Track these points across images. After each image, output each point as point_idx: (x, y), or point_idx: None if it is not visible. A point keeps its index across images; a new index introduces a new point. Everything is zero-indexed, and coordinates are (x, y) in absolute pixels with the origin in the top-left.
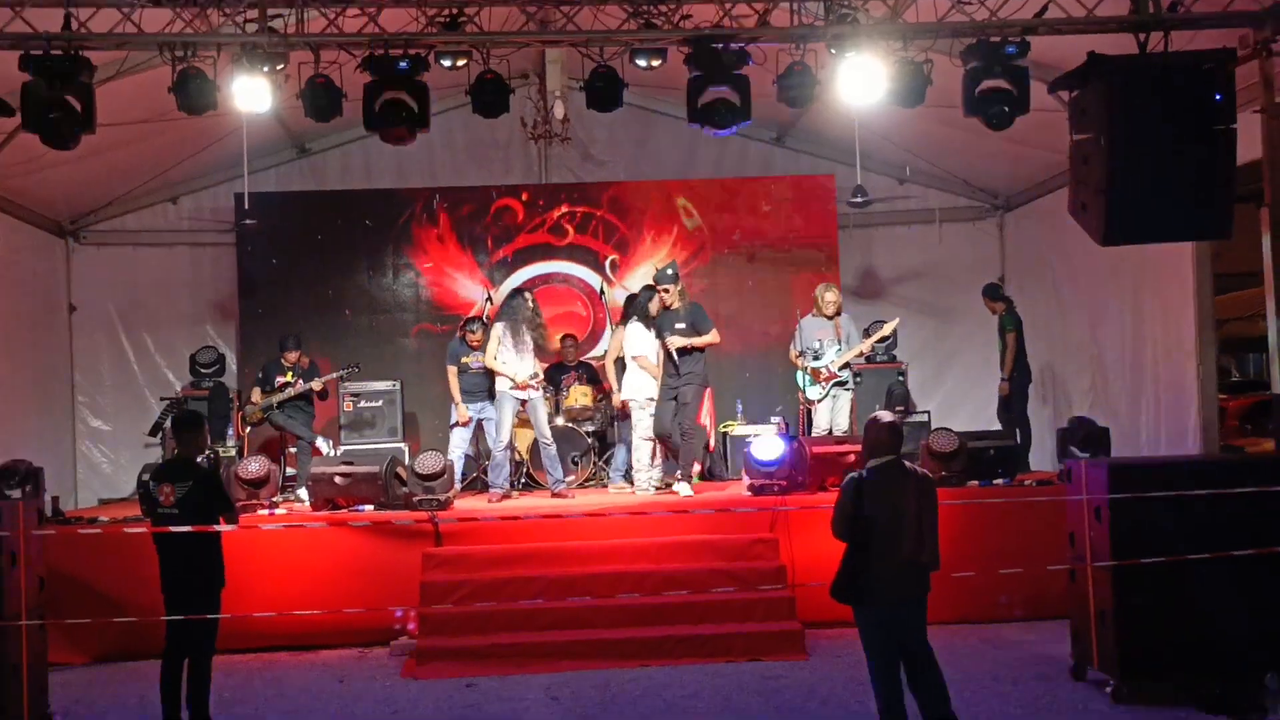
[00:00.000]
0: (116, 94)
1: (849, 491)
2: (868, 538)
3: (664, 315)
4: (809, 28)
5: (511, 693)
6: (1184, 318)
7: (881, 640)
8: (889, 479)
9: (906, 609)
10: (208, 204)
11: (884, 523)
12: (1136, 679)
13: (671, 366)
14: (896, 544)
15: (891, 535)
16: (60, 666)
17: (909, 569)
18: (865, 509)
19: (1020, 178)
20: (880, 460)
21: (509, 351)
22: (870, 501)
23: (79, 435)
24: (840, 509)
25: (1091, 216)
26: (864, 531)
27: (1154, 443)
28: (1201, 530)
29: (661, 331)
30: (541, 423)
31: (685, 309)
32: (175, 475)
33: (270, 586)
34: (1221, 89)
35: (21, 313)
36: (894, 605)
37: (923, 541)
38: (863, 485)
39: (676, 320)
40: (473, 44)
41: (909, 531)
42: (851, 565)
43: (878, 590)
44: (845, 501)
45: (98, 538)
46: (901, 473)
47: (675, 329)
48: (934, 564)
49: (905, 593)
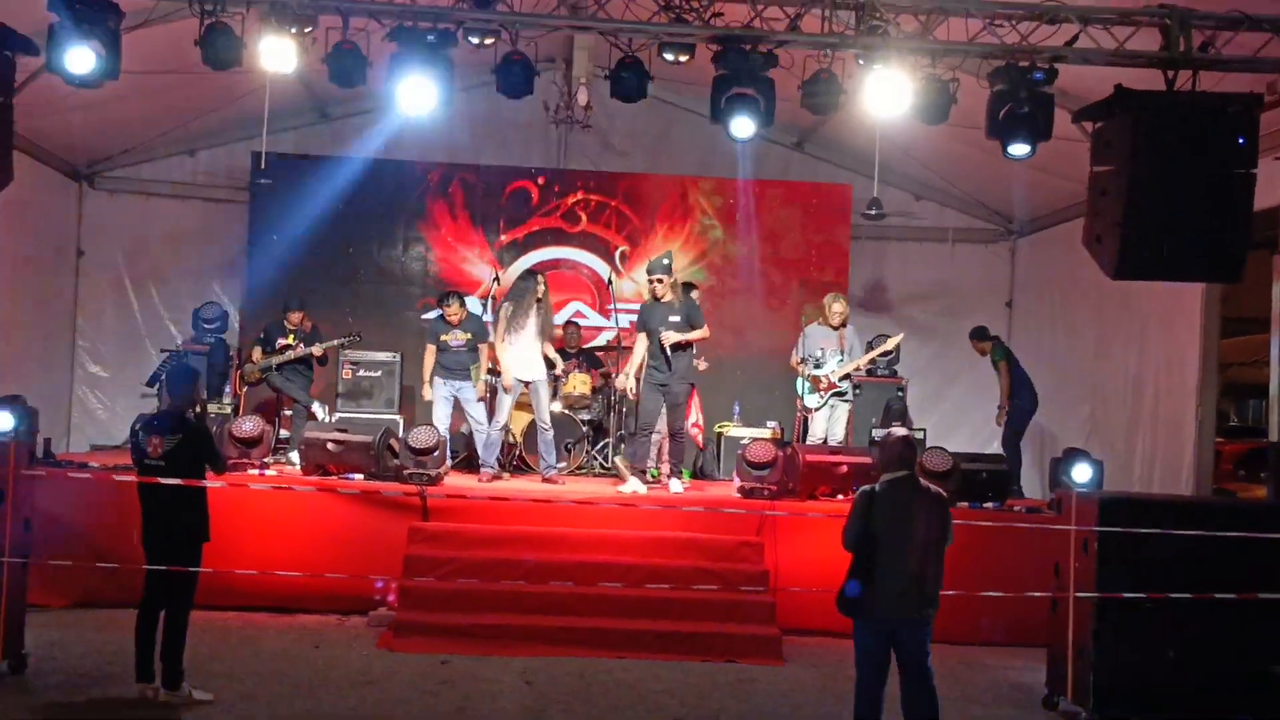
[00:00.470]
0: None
1: (860, 504)
2: (874, 551)
3: (656, 307)
4: (839, 36)
5: (486, 673)
6: (1188, 358)
7: (875, 655)
8: (901, 495)
9: (907, 628)
10: (224, 160)
11: (891, 538)
12: (1107, 714)
13: (663, 360)
14: (901, 561)
15: (897, 552)
16: (39, 608)
17: (911, 587)
18: (874, 523)
19: (1036, 204)
20: (894, 475)
21: (510, 336)
22: (880, 516)
23: (77, 379)
24: (851, 521)
25: (1105, 249)
26: (871, 545)
27: (1147, 479)
28: (1187, 571)
29: (651, 324)
30: (543, 408)
31: (680, 302)
32: (165, 428)
33: (255, 547)
34: (1245, 133)
35: (29, 253)
36: (894, 623)
37: (928, 559)
38: (874, 499)
39: (670, 313)
40: (503, 23)
41: (914, 549)
42: (854, 578)
43: (879, 606)
44: (856, 514)
45: (87, 482)
46: (914, 489)
47: (669, 322)
48: (938, 582)
49: (906, 611)
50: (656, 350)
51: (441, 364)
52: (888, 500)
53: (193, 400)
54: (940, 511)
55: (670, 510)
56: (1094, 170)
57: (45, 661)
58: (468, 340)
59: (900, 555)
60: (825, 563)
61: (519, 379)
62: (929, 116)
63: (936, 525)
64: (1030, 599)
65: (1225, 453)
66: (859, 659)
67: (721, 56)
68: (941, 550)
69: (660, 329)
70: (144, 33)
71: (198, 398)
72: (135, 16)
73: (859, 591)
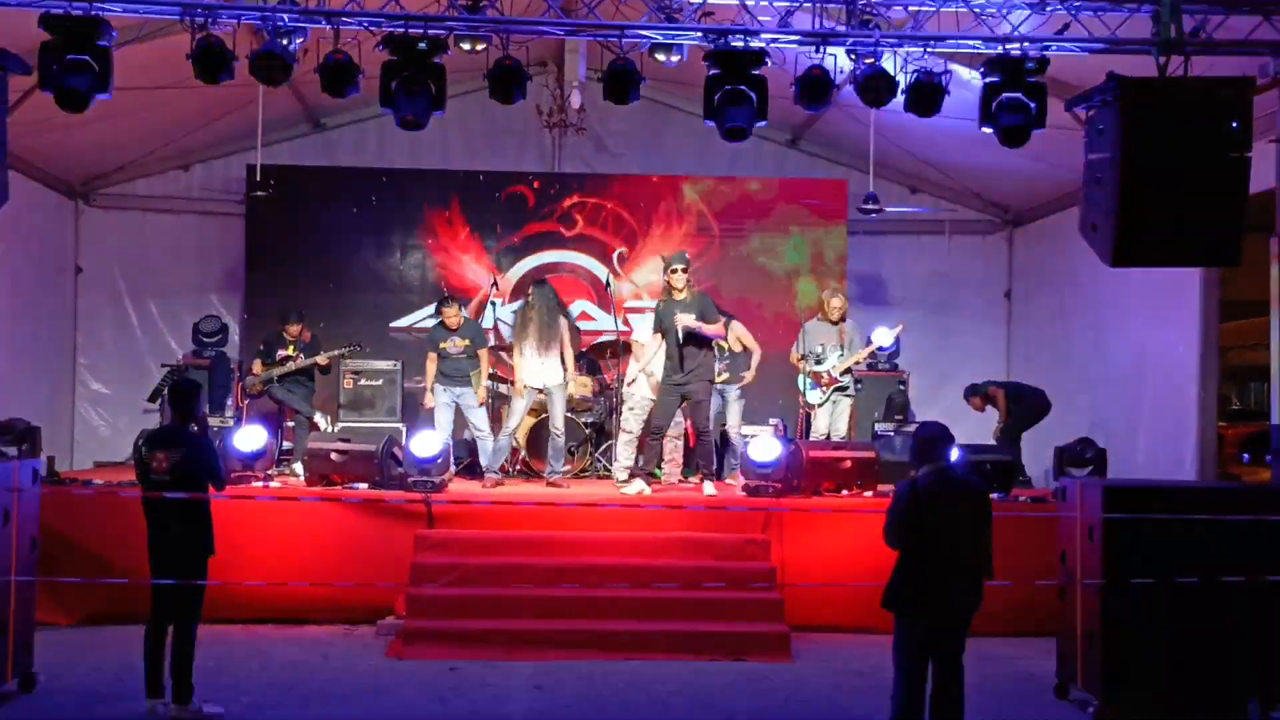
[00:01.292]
0: (135, 58)
1: (902, 499)
2: (920, 547)
3: (671, 305)
4: (829, 32)
5: (495, 679)
6: (1188, 343)
7: (917, 654)
8: (943, 486)
9: (953, 624)
10: (220, 173)
11: (939, 533)
12: (1119, 700)
13: (678, 360)
14: (952, 555)
15: (946, 546)
16: (47, 626)
17: (962, 581)
18: (919, 517)
19: (1032, 194)
20: (931, 467)
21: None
22: (925, 510)
23: (78, 397)
24: (893, 516)
25: (1101, 237)
26: (917, 541)
27: (1151, 465)
28: (1193, 555)
29: (667, 322)
30: (558, 414)
31: (694, 299)
32: (168, 442)
33: (260, 559)
34: (1239, 117)
35: (28, 272)
36: (942, 620)
37: (977, 550)
38: (917, 492)
39: (682, 310)
40: (493, 29)
41: (964, 542)
42: (903, 575)
43: (930, 602)
44: (899, 509)
45: (91, 500)
46: (953, 481)
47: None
48: (988, 572)
49: (956, 605)
50: (674, 350)
51: (442, 371)
52: (930, 492)
53: (195, 414)
54: (983, 500)
55: (675, 511)
56: (1088, 158)
57: (54, 680)
58: (466, 347)
59: (950, 548)
60: (831, 558)
61: (532, 386)
62: (922, 109)
63: (981, 515)
64: (1038, 589)
65: (1228, 437)
66: (904, 660)
67: (713, 55)
68: (989, 541)
69: (670, 326)
70: (135, 49)
71: (200, 412)
72: (127, 33)
73: (903, 589)
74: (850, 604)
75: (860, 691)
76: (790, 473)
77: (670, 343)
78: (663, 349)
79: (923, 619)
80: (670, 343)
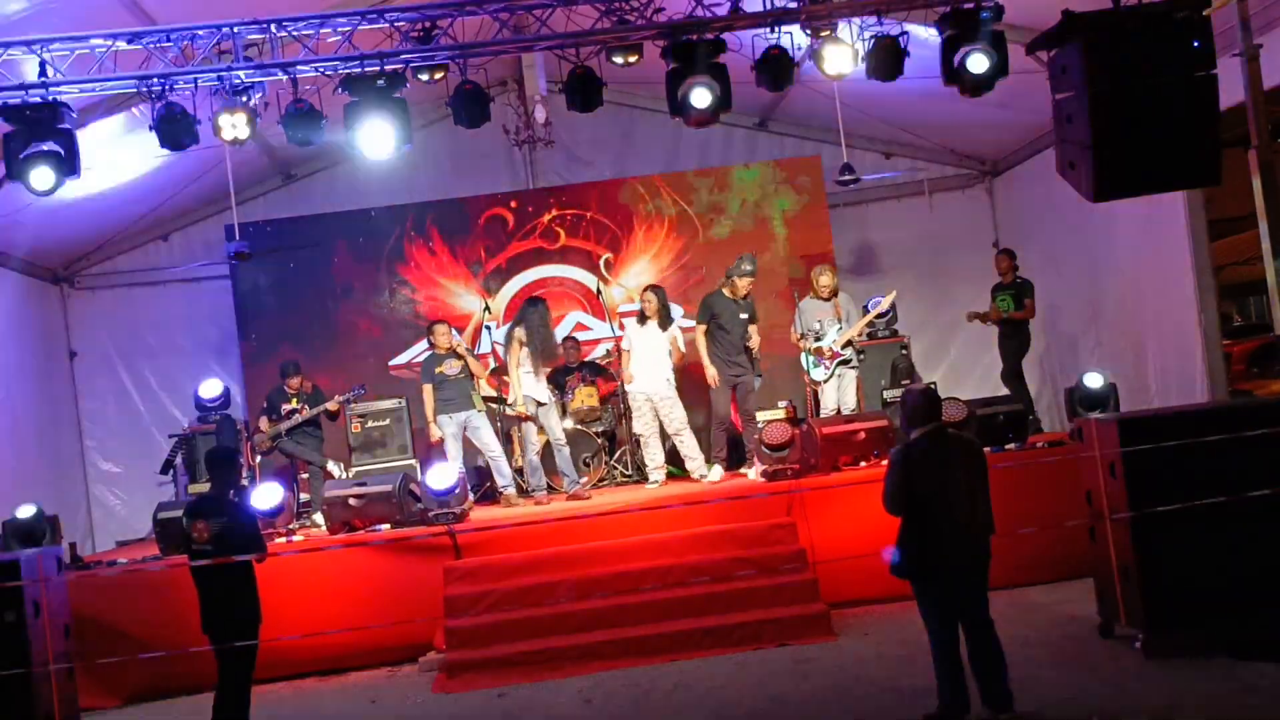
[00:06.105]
0: (100, 135)
1: (898, 464)
2: (921, 510)
3: (724, 299)
4: (782, 10)
5: (544, 698)
6: (1182, 266)
7: (941, 614)
8: (936, 447)
9: (967, 580)
10: (198, 238)
11: (936, 493)
12: (1165, 630)
13: (745, 357)
14: (952, 514)
15: (945, 505)
16: (93, 711)
17: (966, 538)
18: (915, 481)
19: (1006, 142)
20: (924, 429)
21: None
22: (920, 473)
23: (91, 480)
24: (890, 483)
25: (1080, 174)
26: (917, 504)
27: (1163, 393)
28: (1216, 476)
29: (721, 317)
30: (555, 426)
31: (750, 300)
32: (208, 511)
33: (295, 613)
34: (1198, 35)
35: (23, 363)
36: (955, 578)
37: (976, 507)
38: (910, 457)
39: (741, 310)
40: (449, 56)
41: (962, 500)
42: (908, 539)
43: (938, 563)
44: (895, 475)
45: (119, 580)
46: (947, 440)
47: (740, 320)
48: (990, 528)
49: (964, 562)
50: (739, 345)
51: (442, 399)
52: (923, 456)
53: (234, 481)
54: (977, 456)
55: (698, 505)
56: (1056, 98)
57: None
58: (463, 366)
59: (948, 508)
60: (858, 532)
61: (534, 398)
62: (883, 74)
63: (977, 471)
64: (1065, 533)
65: (1235, 353)
66: (931, 623)
67: (670, 50)
68: (987, 496)
69: (731, 323)
70: (100, 126)
71: (238, 479)
72: (90, 112)
73: (912, 554)
74: (883, 575)
75: (906, 661)
76: (806, 453)
77: (735, 335)
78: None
79: (934, 580)
80: (735, 335)
